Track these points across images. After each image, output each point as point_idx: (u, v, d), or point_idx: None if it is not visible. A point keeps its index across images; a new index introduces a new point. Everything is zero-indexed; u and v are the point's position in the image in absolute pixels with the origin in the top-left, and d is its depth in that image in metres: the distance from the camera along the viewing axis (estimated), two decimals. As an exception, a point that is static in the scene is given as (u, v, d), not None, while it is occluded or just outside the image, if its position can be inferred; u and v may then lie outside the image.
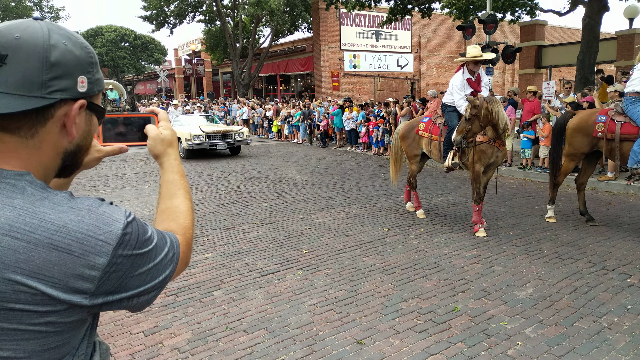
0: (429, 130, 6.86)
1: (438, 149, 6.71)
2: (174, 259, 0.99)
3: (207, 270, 5.04)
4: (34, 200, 0.83)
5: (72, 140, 0.91)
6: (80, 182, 10.36)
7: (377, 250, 5.57)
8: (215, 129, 14.32)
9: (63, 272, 0.81)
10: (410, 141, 7.13)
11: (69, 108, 0.88)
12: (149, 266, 0.92)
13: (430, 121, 6.95)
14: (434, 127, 6.81)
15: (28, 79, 0.82)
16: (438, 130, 6.73)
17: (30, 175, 0.85)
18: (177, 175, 1.19)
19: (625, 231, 6.10)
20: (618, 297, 4.17)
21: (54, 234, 0.81)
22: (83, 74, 0.89)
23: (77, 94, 0.88)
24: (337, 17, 25.80)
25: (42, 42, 0.83)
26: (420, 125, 7.02)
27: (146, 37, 50.69)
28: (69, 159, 0.94)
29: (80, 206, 0.86)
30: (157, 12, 28.91)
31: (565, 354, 3.28)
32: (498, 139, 6.11)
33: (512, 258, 5.22)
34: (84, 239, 0.82)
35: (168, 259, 0.97)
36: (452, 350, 3.36)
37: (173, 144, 1.24)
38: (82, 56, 0.89)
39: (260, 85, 35.51)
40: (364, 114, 14.89)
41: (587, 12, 12.28)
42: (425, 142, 6.94)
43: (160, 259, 0.95)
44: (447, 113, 6.59)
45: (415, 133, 7.06)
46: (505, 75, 31.16)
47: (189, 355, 3.39)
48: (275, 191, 9.13)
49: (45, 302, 0.81)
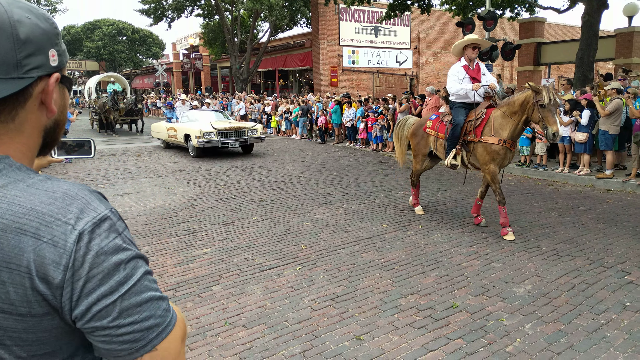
0: (435, 128, 6.70)
1: (444, 147, 6.55)
2: (167, 314, 0.84)
3: (206, 265, 5.03)
4: (6, 183, 0.78)
5: (52, 116, 0.88)
6: (78, 176, 10.33)
7: (376, 246, 5.57)
8: (227, 125, 13.35)
9: (33, 261, 0.74)
10: (419, 139, 6.99)
11: (45, 84, 0.85)
12: (124, 285, 0.78)
13: (437, 119, 6.79)
14: (441, 125, 6.63)
15: (2, 61, 0.78)
16: (444, 128, 6.54)
17: (8, 159, 0.81)
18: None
19: (623, 229, 6.11)
20: (616, 294, 4.18)
21: (22, 217, 0.75)
22: (53, 47, 0.85)
23: (51, 68, 0.85)
24: (336, 13, 25.72)
25: (6, 19, 0.78)
26: (428, 123, 6.86)
27: (144, 31, 50.48)
28: (49, 136, 0.90)
29: (56, 189, 0.79)
30: (155, 5, 28.76)
31: (564, 351, 3.29)
32: (510, 140, 5.85)
33: (510, 255, 5.22)
34: (52, 222, 0.75)
35: (156, 299, 0.82)
36: (451, 347, 3.37)
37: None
38: (48, 29, 0.85)
39: (258, 81, 35.41)
40: (363, 110, 14.87)
41: (586, 9, 12.28)
42: (432, 140, 6.80)
43: (145, 288, 0.81)
44: (454, 109, 6.40)
45: (423, 131, 6.91)
46: (504, 72, 31.14)
47: (188, 350, 3.39)
48: (274, 186, 9.12)
49: (23, 298, 0.74)
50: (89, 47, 48.10)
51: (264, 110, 21.32)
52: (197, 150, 13.13)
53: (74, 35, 49.24)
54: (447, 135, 6.39)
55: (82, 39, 48.99)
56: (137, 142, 18.00)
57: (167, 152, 14.83)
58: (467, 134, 6.22)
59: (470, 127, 6.17)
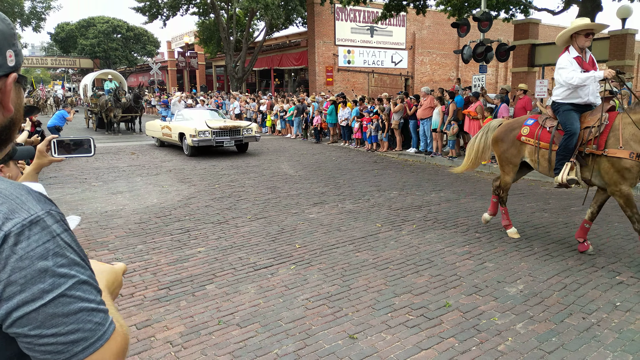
0: (536, 136, 5.48)
1: (547, 160, 5.37)
2: (99, 327, 0.79)
3: (200, 264, 5.03)
4: None
5: (8, 114, 0.89)
6: (72, 175, 10.28)
7: (370, 245, 5.59)
8: (222, 124, 13.37)
9: None
10: (508, 146, 5.78)
11: (2, 84, 0.86)
12: (49, 293, 0.74)
13: (536, 124, 5.54)
14: (543, 131, 5.43)
15: None
16: (549, 136, 5.34)
17: None
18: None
19: (615, 230, 6.17)
20: (607, 294, 4.23)
21: None
22: (10, 48, 0.86)
23: (8, 68, 0.86)
24: (331, 12, 25.75)
25: None
26: (524, 130, 5.61)
27: (139, 29, 50.26)
28: (4, 134, 0.90)
29: None
30: (151, 3, 28.64)
31: (555, 350, 3.32)
32: None
33: (503, 255, 5.26)
34: None
35: (88, 311, 0.77)
36: (444, 345, 3.39)
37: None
38: (5, 29, 0.86)
39: (253, 80, 35.36)
40: (358, 109, 14.90)
41: (580, 11, 12.38)
42: (529, 150, 5.59)
43: (75, 298, 0.76)
44: (562, 113, 5.22)
45: (515, 139, 5.69)
46: (498, 73, 31.30)
47: (182, 348, 3.39)
48: (269, 186, 9.12)
49: None
50: (84, 44, 47.82)
51: (259, 109, 21.30)
52: (192, 149, 13.12)
53: (69, 32, 48.93)
54: (560, 146, 5.16)
55: (76, 36, 48.69)
56: (131, 140, 17.93)
57: (161, 150, 14.78)
58: (583, 143, 5.05)
59: (589, 136, 5.00)
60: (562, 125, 5.21)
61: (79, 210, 7.23)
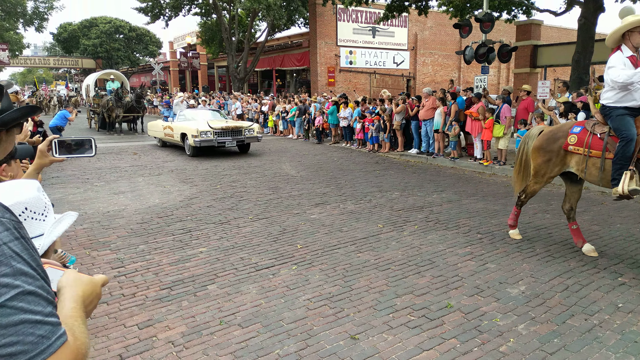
0: (585, 144, 5.01)
1: (599, 168, 4.95)
2: (43, 341, 0.74)
3: (202, 264, 5.03)
4: None
5: None
6: (74, 175, 10.30)
7: (372, 246, 5.59)
8: (224, 124, 13.37)
9: None
10: (550, 157, 5.32)
11: None
12: None
13: (585, 131, 5.06)
14: (594, 138, 4.97)
15: None
16: (601, 144, 4.90)
17: None
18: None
19: (617, 231, 6.16)
20: (609, 295, 4.22)
21: None
22: None
23: None
24: (333, 13, 25.77)
25: None
26: (571, 139, 5.13)
27: (141, 29, 50.37)
28: None
29: None
30: (153, 3, 28.69)
31: (557, 351, 3.32)
32: None
33: (505, 256, 5.26)
34: None
35: (32, 323, 0.74)
36: (445, 346, 3.39)
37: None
38: None
39: (255, 80, 35.39)
40: (360, 110, 14.90)
41: (583, 12, 12.34)
42: (577, 160, 5.14)
43: (17, 309, 0.73)
44: (615, 118, 4.79)
45: (562, 148, 5.23)
46: (500, 74, 31.26)
47: (183, 348, 3.40)
48: (270, 186, 9.13)
49: None
50: (86, 44, 47.92)
51: (261, 110, 21.31)
52: (194, 149, 13.12)
53: (71, 32, 49.05)
54: (616, 155, 4.77)
55: (79, 36, 48.80)
56: (133, 140, 17.95)
57: (163, 150, 14.80)
58: None
59: None
60: (616, 132, 4.79)
61: (81, 210, 7.25)
